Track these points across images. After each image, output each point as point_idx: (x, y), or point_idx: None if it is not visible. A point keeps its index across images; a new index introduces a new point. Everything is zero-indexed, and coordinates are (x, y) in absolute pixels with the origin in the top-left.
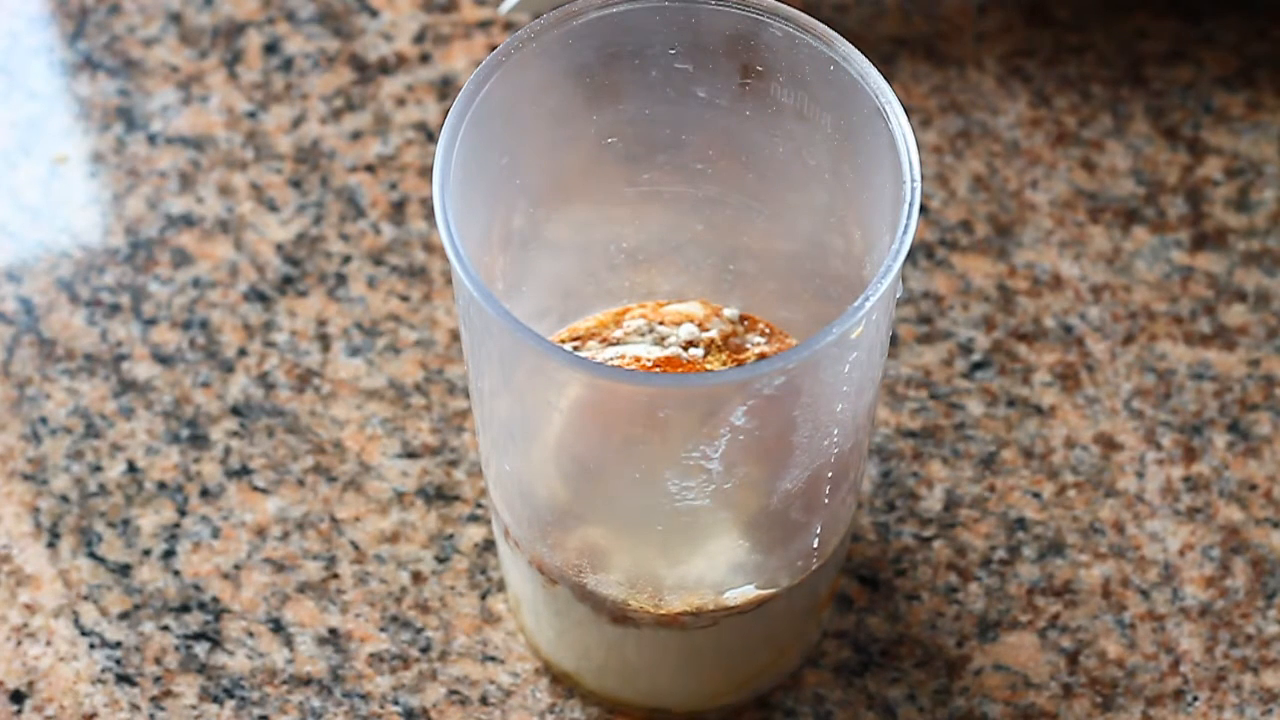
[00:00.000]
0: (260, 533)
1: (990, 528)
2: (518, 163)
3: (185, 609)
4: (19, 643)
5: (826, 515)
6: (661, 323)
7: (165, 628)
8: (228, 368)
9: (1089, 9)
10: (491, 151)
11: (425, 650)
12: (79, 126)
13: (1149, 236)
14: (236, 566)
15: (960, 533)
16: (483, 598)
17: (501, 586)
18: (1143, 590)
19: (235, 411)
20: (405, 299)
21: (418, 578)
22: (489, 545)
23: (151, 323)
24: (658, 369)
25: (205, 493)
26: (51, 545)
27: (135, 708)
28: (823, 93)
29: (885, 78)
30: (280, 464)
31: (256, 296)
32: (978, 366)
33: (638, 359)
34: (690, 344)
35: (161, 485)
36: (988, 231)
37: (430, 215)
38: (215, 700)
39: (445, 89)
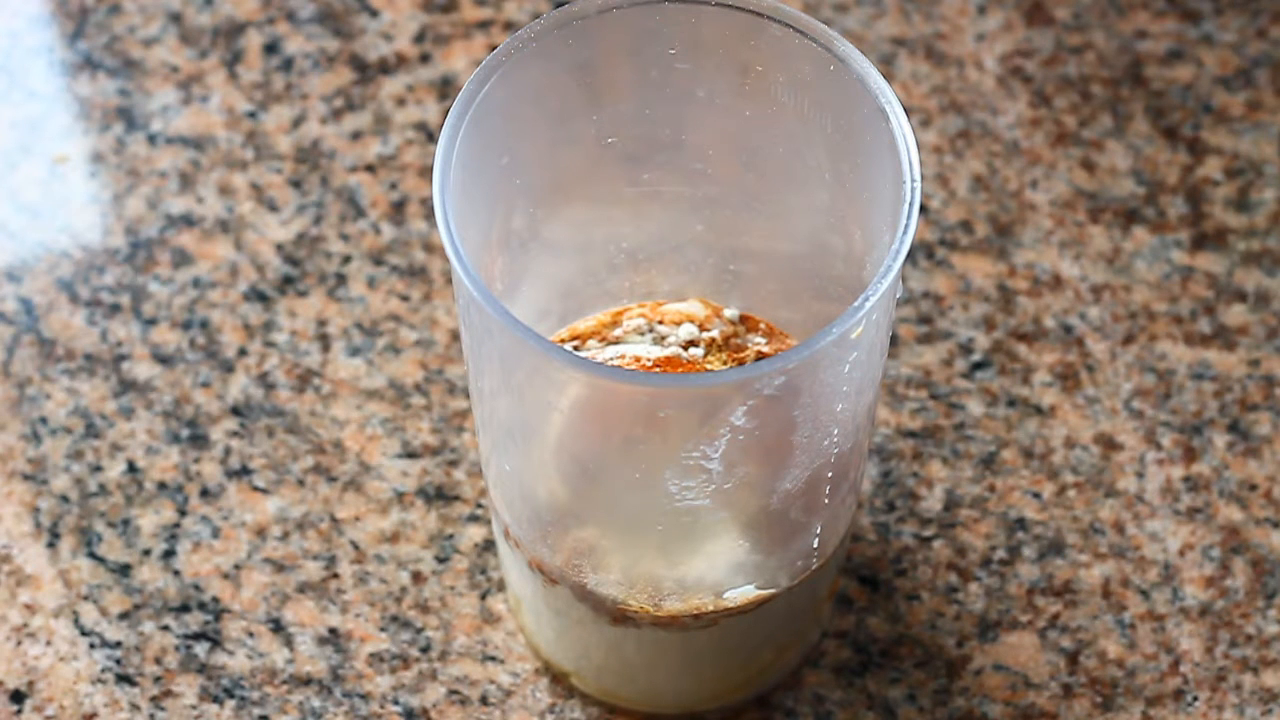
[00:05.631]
0: (260, 533)
1: (990, 528)
2: (518, 163)
3: (185, 609)
4: (19, 643)
5: (826, 515)
6: (661, 322)
7: (165, 628)
8: (228, 368)
9: (1089, 9)
10: (491, 151)
11: (425, 650)
12: (79, 126)
13: (1149, 236)
14: (236, 566)
15: (960, 533)
16: (483, 598)
17: (501, 586)
18: (1143, 590)
19: (235, 411)
20: (405, 299)
21: (418, 578)
22: (489, 545)
23: (151, 323)
24: (658, 369)
25: (205, 493)
26: (51, 545)
27: (135, 708)
28: (823, 93)
29: (885, 78)
30: (280, 464)
31: (256, 296)
32: (978, 366)
33: (638, 359)
34: (690, 344)
35: (161, 485)
36: (988, 231)
37: (430, 215)
38: (215, 700)
39: (445, 89)
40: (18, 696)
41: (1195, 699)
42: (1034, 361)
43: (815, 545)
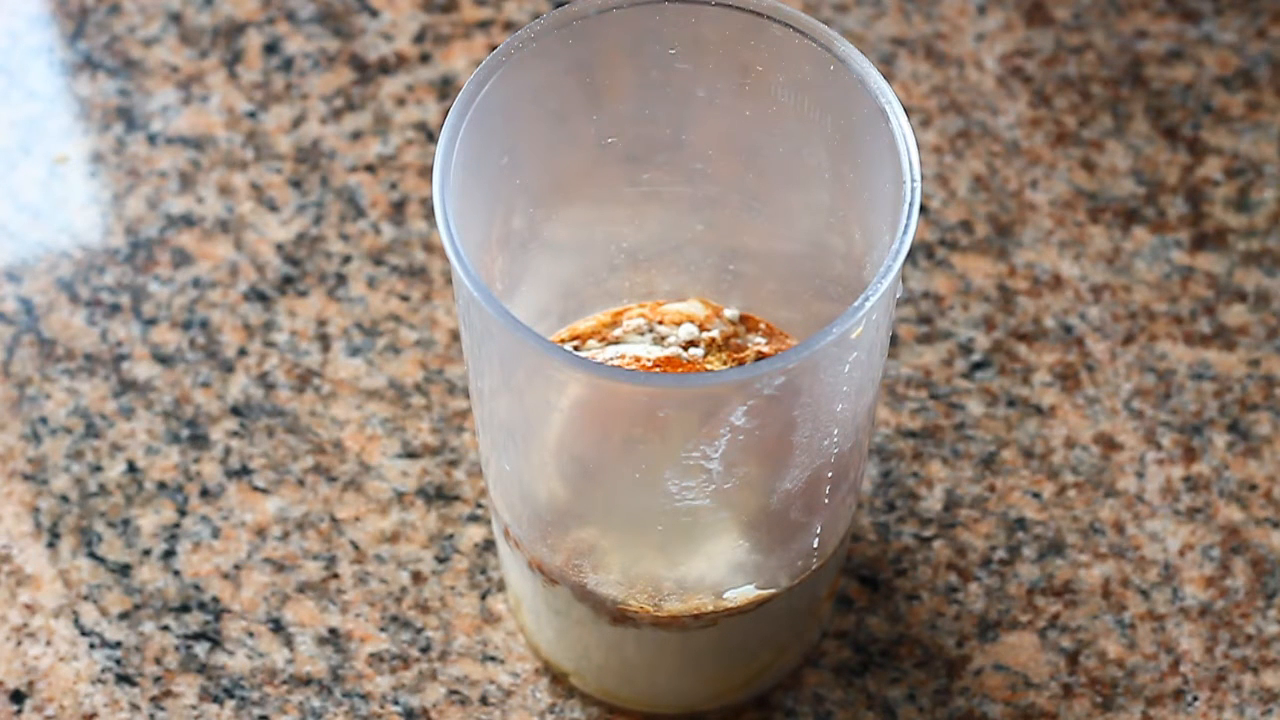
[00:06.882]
0: (260, 533)
1: (990, 528)
2: (518, 163)
3: (185, 609)
4: (19, 643)
5: (826, 515)
6: (661, 322)
7: (165, 628)
8: (228, 368)
9: (1089, 9)
10: (491, 151)
11: (425, 650)
12: (79, 126)
13: (1149, 236)
14: (236, 566)
15: (960, 533)
16: (483, 598)
17: (501, 586)
18: (1143, 590)
19: (235, 411)
20: (405, 299)
21: (418, 578)
22: (489, 545)
23: (151, 323)
24: (658, 369)
25: (205, 493)
26: (51, 545)
27: (135, 708)
28: (823, 93)
29: (885, 78)
30: (280, 464)
31: (256, 296)
32: (978, 366)
33: (638, 359)
34: (690, 344)
35: (161, 485)
36: (988, 231)
37: (430, 215)
38: (215, 700)
39: (445, 89)
40: (18, 696)
41: (1195, 699)
42: (1034, 361)
43: (815, 545)
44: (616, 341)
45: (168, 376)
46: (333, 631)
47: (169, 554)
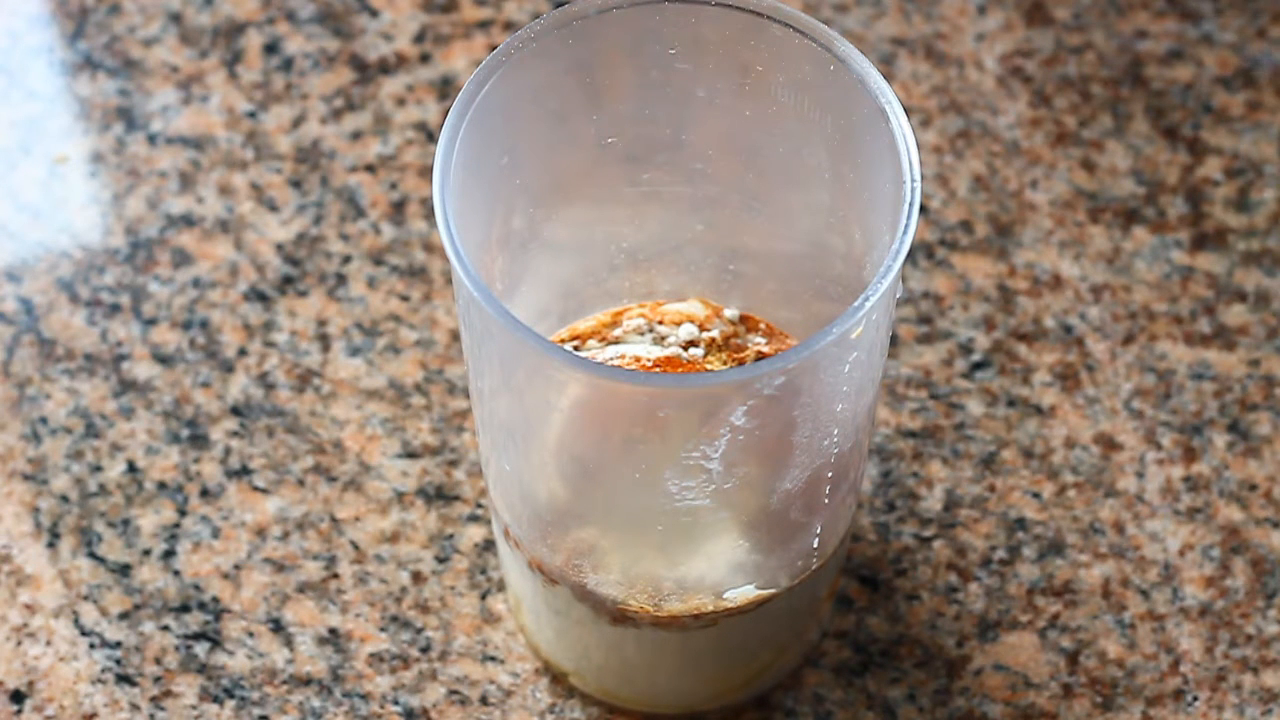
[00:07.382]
0: (260, 533)
1: (990, 528)
2: (518, 163)
3: (185, 609)
4: (19, 643)
5: (826, 515)
6: (661, 322)
7: (165, 628)
8: (228, 368)
9: (1089, 9)
10: (491, 151)
11: (425, 650)
12: (79, 126)
13: (1149, 236)
14: (236, 566)
15: (960, 533)
16: (483, 598)
17: (501, 586)
18: (1143, 590)
19: (235, 411)
20: (405, 299)
21: (418, 578)
22: (489, 545)
23: (151, 323)
24: (658, 369)
25: (205, 493)
26: (51, 545)
27: (135, 708)
28: (823, 93)
29: (885, 78)
30: (280, 464)
31: (256, 296)
32: (978, 366)
33: (638, 359)
34: (690, 344)
35: (161, 485)
36: (988, 231)
37: (430, 215)
38: (215, 700)
39: (445, 89)
40: (18, 696)
41: (1195, 699)
42: (1034, 361)
43: (815, 545)
44: (616, 341)
45: (168, 376)
46: (333, 631)
47: (169, 554)
